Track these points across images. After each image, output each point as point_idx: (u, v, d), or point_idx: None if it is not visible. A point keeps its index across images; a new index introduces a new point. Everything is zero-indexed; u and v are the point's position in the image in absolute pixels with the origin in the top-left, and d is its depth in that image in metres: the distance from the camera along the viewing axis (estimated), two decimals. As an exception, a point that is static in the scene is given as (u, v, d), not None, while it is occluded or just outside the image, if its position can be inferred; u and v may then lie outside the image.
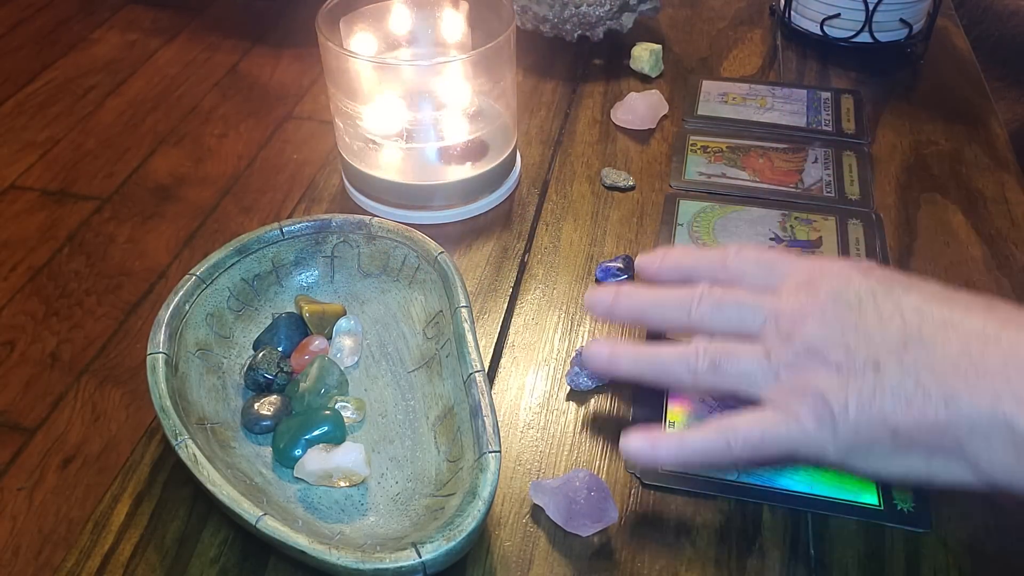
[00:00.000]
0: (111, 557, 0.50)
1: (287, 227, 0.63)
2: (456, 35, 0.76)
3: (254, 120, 2.11)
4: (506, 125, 0.76)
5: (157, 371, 0.53)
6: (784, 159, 0.80)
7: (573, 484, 0.50)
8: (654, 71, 0.92)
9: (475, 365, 0.53)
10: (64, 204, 1.86)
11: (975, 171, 0.79)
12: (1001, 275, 0.68)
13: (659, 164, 0.80)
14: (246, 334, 0.61)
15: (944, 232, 0.73)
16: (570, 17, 0.92)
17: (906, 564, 0.49)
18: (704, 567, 0.49)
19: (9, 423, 1.42)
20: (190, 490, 0.53)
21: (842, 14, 0.93)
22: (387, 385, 0.59)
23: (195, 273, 0.59)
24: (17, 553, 1.24)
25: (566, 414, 0.58)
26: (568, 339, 0.63)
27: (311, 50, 2.31)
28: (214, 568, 0.49)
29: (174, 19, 2.51)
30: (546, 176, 0.79)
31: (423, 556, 0.44)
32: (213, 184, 1.92)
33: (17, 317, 1.61)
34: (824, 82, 0.92)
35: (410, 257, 0.62)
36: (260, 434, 0.55)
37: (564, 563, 0.49)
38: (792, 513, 0.52)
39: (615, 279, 0.67)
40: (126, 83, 2.25)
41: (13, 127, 2.10)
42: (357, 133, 0.74)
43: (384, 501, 0.52)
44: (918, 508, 0.52)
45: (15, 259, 1.73)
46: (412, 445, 0.54)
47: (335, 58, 0.70)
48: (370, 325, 0.62)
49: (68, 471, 1.35)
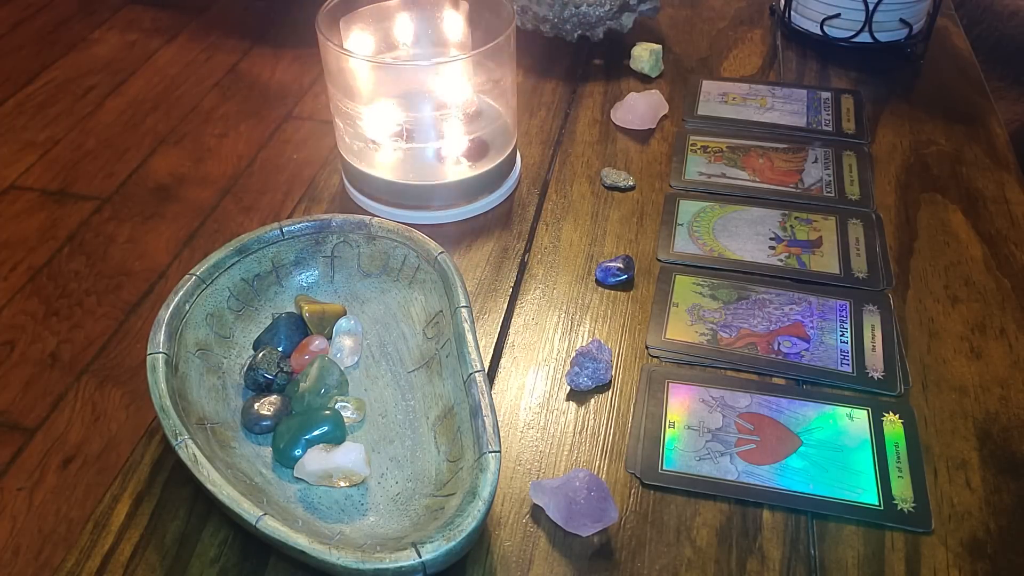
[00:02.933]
0: (111, 557, 0.50)
1: (287, 227, 0.63)
2: (456, 35, 0.76)
3: (254, 120, 2.11)
4: (506, 125, 0.76)
5: (157, 371, 0.53)
6: (784, 159, 0.80)
7: (573, 484, 0.50)
8: (654, 71, 0.92)
9: (475, 365, 0.53)
10: (64, 204, 1.86)
11: (975, 171, 0.79)
12: (1001, 275, 0.68)
13: (659, 164, 0.80)
14: (246, 334, 0.61)
15: (944, 232, 0.72)
16: (570, 17, 0.92)
17: (906, 564, 0.49)
18: (704, 567, 0.49)
19: (9, 423, 1.42)
20: (190, 490, 0.53)
21: (842, 14, 0.93)
22: (387, 385, 0.58)
23: (195, 273, 0.59)
24: (17, 553, 1.24)
25: (566, 414, 0.58)
26: (568, 339, 0.63)
27: (311, 50, 2.31)
28: (214, 568, 0.49)
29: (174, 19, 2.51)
30: (546, 176, 0.79)
31: (423, 556, 0.44)
32: (213, 184, 1.92)
33: (17, 317, 1.61)
34: (824, 82, 0.92)
35: (410, 257, 0.62)
36: (260, 434, 0.55)
37: (564, 563, 0.49)
38: (792, 513, 0.52)
39: (615, 279, 0.67)
40: (126, 83, 2.25)
41: (13, 127, 2.10)
42: (357, 133, 0.74)
43: (384, 501, 0.52)
44: (918, 508, 0.52)
45: (15, 259, 1.73)
46: (412, 445, 0.54)
47: (335, 58, 0.70)
48: (370, 325, 0.62)
49: (68, 471, 1.35)
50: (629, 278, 0.67)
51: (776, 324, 0.64)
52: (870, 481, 0.54)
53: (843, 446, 0.56)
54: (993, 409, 0.58)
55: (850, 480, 0.54)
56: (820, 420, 0.57)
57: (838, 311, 0.65)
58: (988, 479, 0.54)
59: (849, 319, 0.64)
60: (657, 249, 0.71)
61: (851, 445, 0.56)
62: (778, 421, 0.57)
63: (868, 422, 0.57)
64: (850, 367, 0.61)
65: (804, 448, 0.56)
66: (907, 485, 0.53)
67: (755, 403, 0.58)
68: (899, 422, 0.57)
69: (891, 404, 0.58)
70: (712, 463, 0.55)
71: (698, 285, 0.67)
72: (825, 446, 0.56)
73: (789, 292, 0.67)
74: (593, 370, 0.59)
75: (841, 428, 0.57)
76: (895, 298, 0.66)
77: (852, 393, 0.59)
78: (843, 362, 0.61)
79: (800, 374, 0.60)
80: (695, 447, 0.56)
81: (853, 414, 0.58)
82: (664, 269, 0.69)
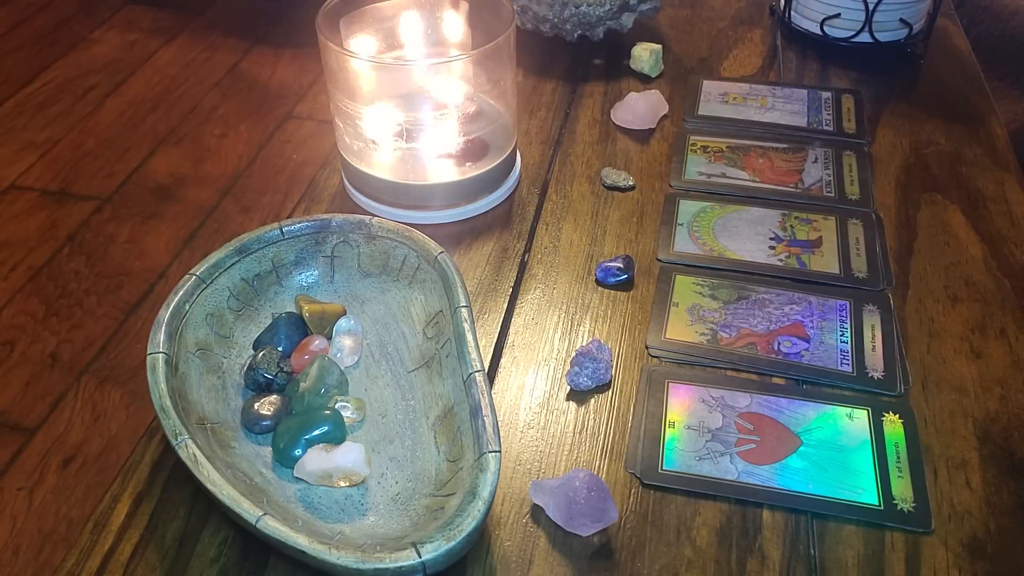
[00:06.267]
0: (111, 557, 0.50)
1: (287, 227, 0.63)
2: (456, 35, 0.76)
3: (254, 120, 2.11)
4: (506, 125, 0.76)
5: (157, 371, 0.53)
6: (784, 159, 0.80)
7: (573, 484, 0.50)
8: (654, 71, 0.92)
9: (475, 365, 0.53)
10: (64, 204, 1.86)
11: (975, 171, 0.79)
12: (1001, 275, 0.68)
13: (659, 164, 0.80)
14: (246, 334, 0.61)
15: (944, 232, 0.72)
16: (570, 17, 0.92)
17: (906, 564, 0.49)
18: (704, 567, 0.49)
19: (9, 423, 1.42)
20: (190, 490, 0.53)
21: (842, 14, 0.93)
22: (387, 385, 0.58)
23: (195, 273, 0.59)
24: (17, 553, 1.24)
25: (566, 414, 0.58)
26: (568, 339, 0.63)
27: (311, 50, 2.31)
28: (214, 568, 0.49)
29: (174, 19, 2.51)
30: (546, 176, 0.79)
31: (423, 556, 0.44)
32: (213, 184, 1.92)
33: (17, 317, 1.61)
34: (824, 82, 0.92)
35: (410, 257, 0.62)
36: (260, 434, 0.55)
37: (564, 563, 0.49)
38: (792, 513, 0.52)
39: (615, 279, 0.67)
40: (126, 83, 2.25)
41: (13, 127, 2.10)
42: (357, 133, 0.74)
43: (384, 501, 0.52)
44: (918, 508, 0.52)
45: (15, 259, 1.73)
46: (412, 445, 0.54)
47: (335, 58, 0.70)
48: (370, 325, 0.62)
49: (68, 471, 1.35)
50: (629, 278, 0.67)
51: (776, 324, 0.64)
52: (870, 481, 0.54)
53: (843, 446, 0.56)
54: (993, 409, 0.58)
55: (850, 480, 0.54)
56: (820, 420, 0.57)
57: (838, 311, 0.65)
58: (988, 479, 0.54)
59: (849, 319, 0.64)
60: (657, 249, 0.71)
61: (851, 445, 0.56)
62: (778, 421, 0.57)
63: (868, 422, 0.57)
64: (850, 367, 0.61)
65: (804, 448, 0.56)
66: (907, 485, 0.53)
67: (755, 403, 0.58)
68: (899, 422, 0.57)
69: (891, 404, 0.58)
70: (712, 463, 0.55)
71: (698, 285, 0.67)
72: (825, 446, 0.56)
73: (789, 292, 0.67)
74: (593, 370, 0.59)
75: (841, 428, 0.57)
76: (895, 298, 0.66)
77: (852, 393, 0.59)
78: (843, 362, 0.61)
79: (800, 374, 0.60)
80: (695, 447, 0.56)
81: (853, 414, 0.58)
82: (664, 269, 0.69)
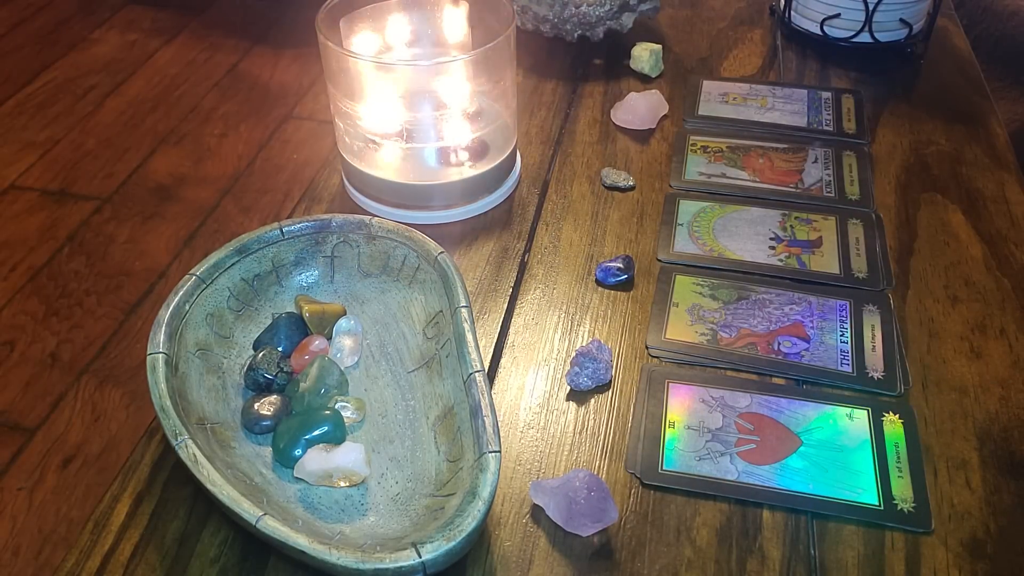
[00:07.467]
0: (111, 557, 0.50)
1: (287, 227, 0.63)
2: (456, 35, 0.76)
3: (254, 120, 2.11)
4: (506, 125, 0.76)
5: (157, 371, 0.53)
6: (784, 159, 0.80)
7: (573, 484, 0.50)
8: (654, 71, 0.92)
9: (475, 365, 0.53)
10: (64, 204, 1.86)
11: (975, 171, 0.79)
12: (1001, 275, 0.68)
13: (659, 164, 0.80)
14: (246, 334, 0.61)
15: (944, 232, 0.72)
16: (570, 17, 0.92)
17: (906, 564, 0.49)
18: (704, 567, 0.49)
19: (9, 423, 1.42)
20: (190, 490, 0.53)
21: (842, 14, 0.93)
22: (387, 385, 0.58)
23: (195, 273, 0.59)
24: (17, 553, 1.24)
25: (566, 414, 0.58)
26: (568, 339, 0.63)
27: (311, 50, 2.31)
28: (214, 568, 0.49)
29: (174, 19, 2.51)
30: (546, 176, 0.79)
31: (423, 556, 0.44)
32: (213, 184, 1.92)
33: (17, 317, 1.61)
34: (824, 82, 0.92)
35: (410, 257, 0.62)
36: (260, 434, 0.55)
37: (564, 563, 0.49)
38: (792, 513, 0.52)
39: (615, 279, 0.67)
40: (126, 83, 2.25)
41: (13, 127, 2.10)
42: (357, 133, 0.74)
43: (384, 501, 0.52)
44: (918, 508, 0.52)
45: (15, 259, 1.73)
46: (412, 445, 0.54)
47: (335, 58, 0.70)
48: (370, 325, 0.62)
49: (68, 471, 1.35)
50: (629, 278, 0.67)
51: (776, 324, 0.64)
52: (870, 481, 0.54)
53: (843, 446, 0.56)
54: (993, 409, 0.58)
55: (850, 480, 0.54)
56: (820, 420, 0.57)
57: (838, 311, 0.65)
58: (988, 479, 0.54)
59: (849, 319, 0.64)
60: (657, 249, 0.71)
61: (851, 445, 0.56)
62: (778, 421, 0.57)
63: (868, 422, 0.57)
64: (850, 367, 0.61)
65: (804, 448, 0.56)
66: (907, 485, 0.53)
67: (755, 403, 0.58)
68: (899, 422, 0.57)
69: (891, 404, 0.58)
70: (712, 463, 0.55)
71: (698, 285, 0.67)
72: (825, 446, 0.56)
73: (789, 292, 0.67)
74: (593, 370, 0.59)
75: (841, 428, 0.57)
76: (895, 298, 0.66)
77: (852, 393, 0.59)
78: (843, 362, 0.61)
79: (800, 374, 0.60)
80: (695, 447, 0.56)
81: (853, 414, 0.58)
82: (664, 269, 0.69)
